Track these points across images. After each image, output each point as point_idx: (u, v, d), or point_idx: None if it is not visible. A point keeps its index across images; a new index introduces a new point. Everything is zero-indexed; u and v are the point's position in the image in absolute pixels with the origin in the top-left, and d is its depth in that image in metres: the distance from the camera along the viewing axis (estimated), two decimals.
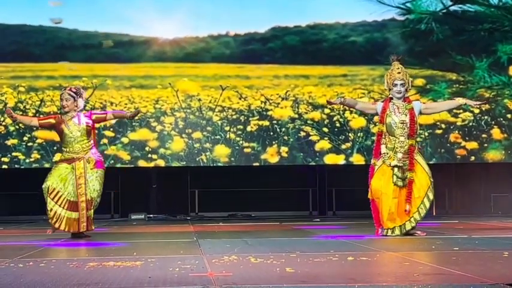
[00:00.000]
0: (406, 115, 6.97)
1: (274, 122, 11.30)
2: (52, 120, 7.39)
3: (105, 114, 7.52)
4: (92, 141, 7.31)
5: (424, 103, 7.41)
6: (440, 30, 11.23)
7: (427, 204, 6.94)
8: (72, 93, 7.29)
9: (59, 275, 4.22)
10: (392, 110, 7.01)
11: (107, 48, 11.15)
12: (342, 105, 8.74)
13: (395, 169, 6.91)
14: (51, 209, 7.14)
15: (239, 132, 11.25)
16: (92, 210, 7.21)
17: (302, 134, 11.28)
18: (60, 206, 7.13)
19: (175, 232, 8.29)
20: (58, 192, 7.14)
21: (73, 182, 7.15)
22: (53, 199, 7.13)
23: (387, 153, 6.97)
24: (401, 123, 6.96)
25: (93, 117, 7.34)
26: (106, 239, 7.06)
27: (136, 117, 8.94)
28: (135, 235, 7.83)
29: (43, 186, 7.19)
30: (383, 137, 7.02)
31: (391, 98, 7.08)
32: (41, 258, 5.24)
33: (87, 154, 7.22)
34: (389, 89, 7.10)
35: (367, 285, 3.65)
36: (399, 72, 7.06)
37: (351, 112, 11.31)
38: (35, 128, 10.37)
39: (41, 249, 6.05)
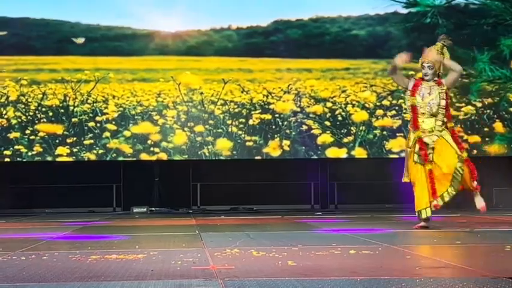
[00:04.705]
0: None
1: (277, 115, 11.28)
2: None
3: None
4: None
5: None
6: (444, 24, 11.20)
7: None
8: None
9: (62, 268, 4.23)
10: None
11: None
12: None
13: None
14: None
15: (241, 125, 11.24)
16: None
17: (304, 127, 11.26)
18: None
19: (178, 225, 8.30)
20: None
21: None
22: None
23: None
24: None
25: None
26: (108, 232, 7.07)
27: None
28: (137, 228, 7.84)
29: None
30: None
31: None
32: (43, 251, 5.25)
33: None
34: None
35: (369, 279, 3.65)
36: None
37: (353, 106, 11.31)
38: None
39: (43, 242, 6.06)
